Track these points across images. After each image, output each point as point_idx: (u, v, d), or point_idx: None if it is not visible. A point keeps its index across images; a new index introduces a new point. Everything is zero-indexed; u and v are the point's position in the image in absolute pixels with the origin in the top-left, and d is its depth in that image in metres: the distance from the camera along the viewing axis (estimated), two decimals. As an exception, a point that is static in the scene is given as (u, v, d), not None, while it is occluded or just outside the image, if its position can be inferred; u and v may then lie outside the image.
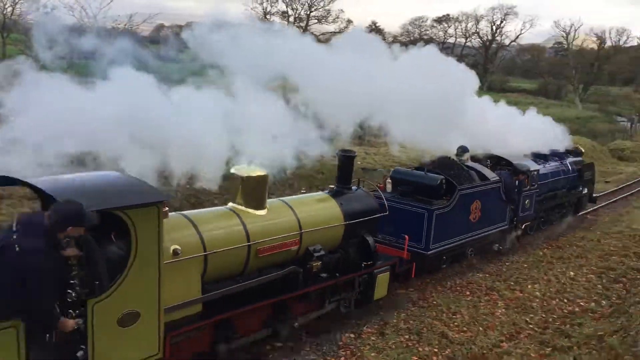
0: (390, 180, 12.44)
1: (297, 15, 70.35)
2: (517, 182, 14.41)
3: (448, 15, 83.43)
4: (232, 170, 8.27)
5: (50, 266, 5.18)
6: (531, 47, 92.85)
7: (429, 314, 10.57)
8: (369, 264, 9.80)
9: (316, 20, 71.09)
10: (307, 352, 8.83)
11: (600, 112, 66.50)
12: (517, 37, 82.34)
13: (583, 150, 20.77)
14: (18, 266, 5.06)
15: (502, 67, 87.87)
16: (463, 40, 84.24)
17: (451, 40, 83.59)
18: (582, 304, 11.65)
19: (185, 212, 7.67)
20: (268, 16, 68.09)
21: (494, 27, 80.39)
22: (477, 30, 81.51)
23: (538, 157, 17.01)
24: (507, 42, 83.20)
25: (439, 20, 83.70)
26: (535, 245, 15.52)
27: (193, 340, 7.18)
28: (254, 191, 8.19)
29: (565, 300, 11.80)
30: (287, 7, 70.00)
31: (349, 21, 71.56)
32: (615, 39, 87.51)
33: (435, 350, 9.21)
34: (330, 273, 9.24)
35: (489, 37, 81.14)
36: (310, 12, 70.90)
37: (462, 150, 13.77)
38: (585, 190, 19.07)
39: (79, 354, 5.69)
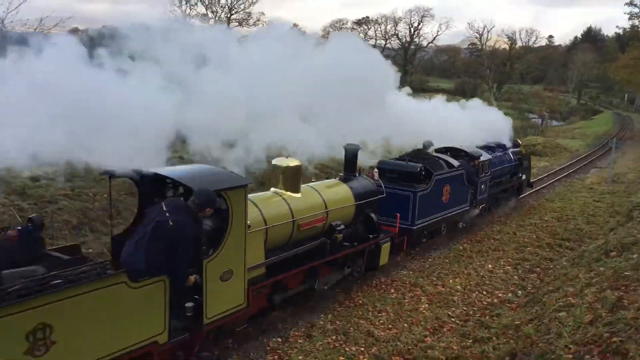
0: (377, 170, 13.78)
1: (217, 18, 69.45)
2: (475, 169, 16.66)
3: (367, 17, 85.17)
4: (274, 162, 10.32)
5: (193, 236, 7.19)
6: (447, 48, 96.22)
7: (355, 313, 10.69)
8: (374, 237, 11.85)
9: (237, 23, 70.45)
10: (235, 359, 8.75)
11: (513, 110, 69.57)
12: (434, 38, 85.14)
13: (520, 142, 23.73)
14: (171, 236, 6.93)
15: (421, 68, 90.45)
16: (383, 42, 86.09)
17: (371, 42, 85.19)
18: (500, 295, 12.13)
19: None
20: (188, 19, 66.83)
21: (412, 29, 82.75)
22: (396, 32, 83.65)
23: (488, 148, 19.20)
24: (424, 43, 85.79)
25: (358, 23, 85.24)
26: (456, 240, 16.03)
27: (259, 295, 9.16)
28: (291, 178, 10.31)
29: (485, 293, 12.26)
30: (206, 9, 69.00)
31: (270, 24, 71.31)
32: (525, 40, 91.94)
33: (362, 349, 9.34)
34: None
35: (408, 39, 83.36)
36: (231, 14, 70.19)
37: (428, 143, 15.99)
38: (524, 177, 21.81)
39: (188, 304, 7.40)
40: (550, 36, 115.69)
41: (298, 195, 10.33)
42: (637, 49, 50.35)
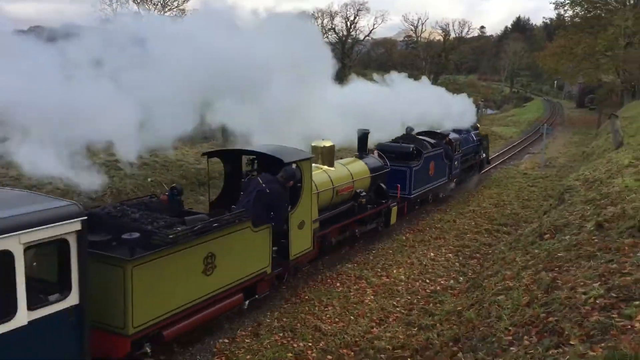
0: (376, 151, 16.37)
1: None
2: (451, 148, 19.94)
3: (304, 12, 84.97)
4: (313, 144, 13.38)
5: (284, 199, 10.35)
6: (384, 41, 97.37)
7: (302, 309, 10.72)
8: (385, 202, 15.18)
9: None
10: (181, 363, 8.62)
11: (450, 100, 70.88)
12: (371, 31, 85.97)
13: (479, 126, 27.15)
14: (269, 201, 9.89)
15: (358, 62, 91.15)
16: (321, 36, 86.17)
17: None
18: (442, 282, 12.42)
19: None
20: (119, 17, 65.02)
21: (349, 23, 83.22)
22: (333, 26, 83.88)
23: (456, 131, 22.40)
24: (361, 37, 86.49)
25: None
26: (399, 231, 16.29)
27: (315, 243, 11.86)
28: (327, 156, 13.46)
29: (428, 281, 12.52)
30: (138, 7, 67.31)
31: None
32: (458, 31, 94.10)
33: (310, 344, 9.37)
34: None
35: (345, 33, 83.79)
36: (164, 12, 68.77)
37: (410, 129, 18.87)
38: (484, 155, 25.41)
39: (274, 248, 10.31)
40: (482, 27, 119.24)
41: (333, 168, 13.38)
42: (563, 38, 52.33)
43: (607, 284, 6.90)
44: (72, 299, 6.51)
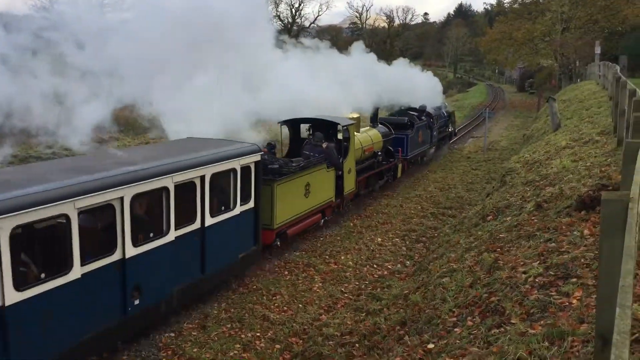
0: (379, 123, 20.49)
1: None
2: (432, 120, 24.70)
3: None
4: (348, 116, 17.43)
5: (335, 152, 14.99)
6: (329, 28, 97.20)
7: (250, 299, 10.63)
8: (392, 160, 20.22)
9: (110, 9, 66.94)
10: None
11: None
12: (316, 18, 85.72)
13: (447, 104, 31.81)
14: (330, 152, 14.63)
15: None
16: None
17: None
18: (389, 266, 12.54)
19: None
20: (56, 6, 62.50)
21: (293, 10, 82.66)
22: (278, 13, 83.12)
23: (434, 108, 26.29)
24: (307, 24, 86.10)
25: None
26: (346, 217, 16.36)
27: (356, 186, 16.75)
28: (356, 124, 17.25)
29: (375, 266, 12.62)
30: (76, -6, 64.85)
31: (147, 8, 68.49)
32: (402, 18, 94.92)
33: (258, 334, 9.30)
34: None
35: (290, 20, 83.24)
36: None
37: (423, 106, 24.17)
38: (452, 128, 30.14)
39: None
40: (426, 13, 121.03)
41: (359, 134, 17.54)
42: (503, 24, 53.46)
43: (546, 262, 7.07)
44: (251, 204, 11.03)
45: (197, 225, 9.55)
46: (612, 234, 3.07)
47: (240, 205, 10.49)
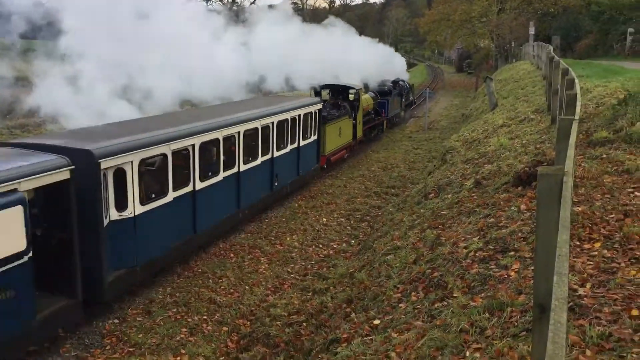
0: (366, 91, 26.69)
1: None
2: (401, 89, 31.98)
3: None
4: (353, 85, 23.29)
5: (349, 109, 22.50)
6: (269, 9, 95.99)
7: (195, 282, 10.53)
8: (380, 118, 27.39)
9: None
10: (68, 348, 8.19)
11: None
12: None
13: (408, 78, 38.84)
14: (347, 107, 21.94)
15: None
16: (204, 3, 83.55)
17: (192, 4, 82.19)
18: (335, 246, 12.66)
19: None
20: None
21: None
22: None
23: (402, 81, 33.39)
24: (247, 4, 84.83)
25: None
26: (291, 198, 16.37)
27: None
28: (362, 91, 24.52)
29: (321, 246, 12.72)
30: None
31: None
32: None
33: (205, 317, 9.25)
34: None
35: (229, 0, 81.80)
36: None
37: (382, 80, 29.82)
38: (411, 97, 36.92)
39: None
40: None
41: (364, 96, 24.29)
42: (441, 4, 54.26)
43: (485, 237, 7.31)
44: (316, 137, 17.80)
45: (295, 145, 16.02)
46: (549, 207, 3.19)
47: (313, 136, 17.38)
